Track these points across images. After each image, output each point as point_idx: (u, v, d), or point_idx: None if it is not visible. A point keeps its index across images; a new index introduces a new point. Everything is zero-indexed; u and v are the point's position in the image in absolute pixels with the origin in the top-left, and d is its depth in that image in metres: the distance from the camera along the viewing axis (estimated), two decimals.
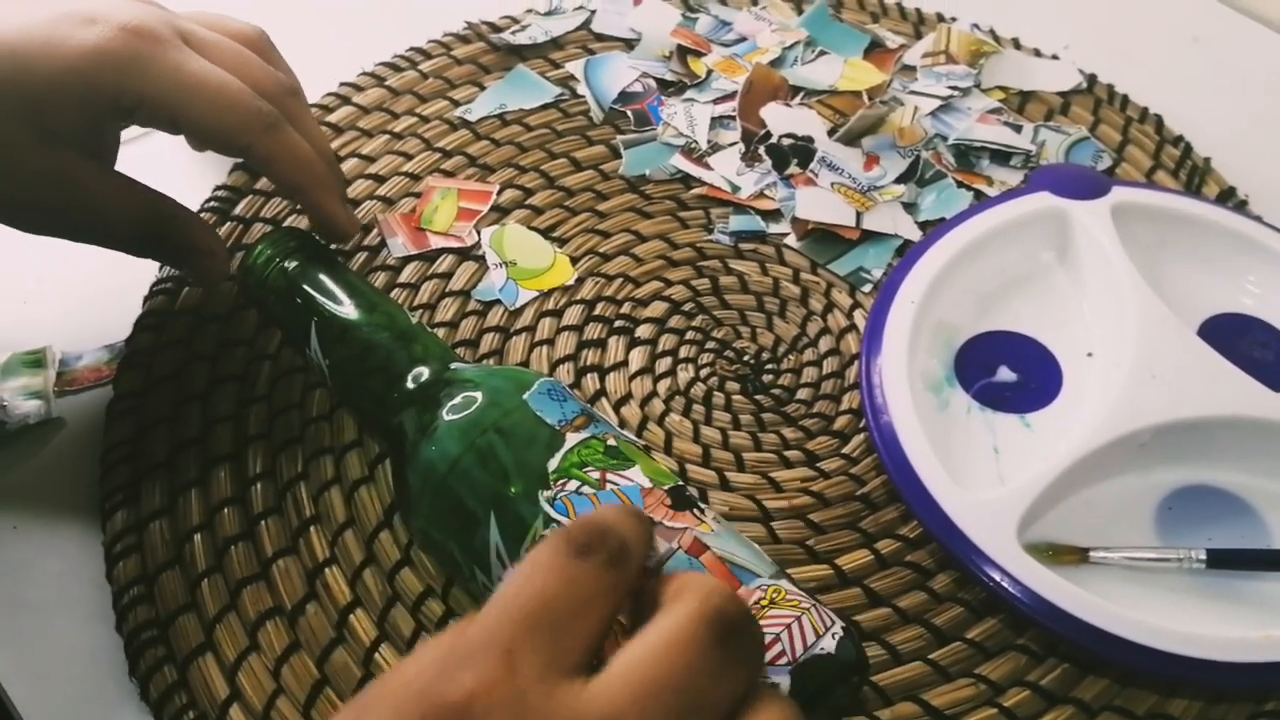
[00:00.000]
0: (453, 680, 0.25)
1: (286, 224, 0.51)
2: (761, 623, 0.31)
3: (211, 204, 0.52)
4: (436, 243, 0.50)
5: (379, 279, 0.49)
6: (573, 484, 0.34)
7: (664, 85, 0.59)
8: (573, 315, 0.48)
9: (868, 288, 0.50)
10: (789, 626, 0.31)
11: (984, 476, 0.42)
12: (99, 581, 0.40)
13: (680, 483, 0.35)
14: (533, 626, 0.26)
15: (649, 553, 0.30)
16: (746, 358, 0.48)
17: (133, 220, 0.42)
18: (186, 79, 0.39)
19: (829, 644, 0.31)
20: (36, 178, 0.39)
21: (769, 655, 0.30)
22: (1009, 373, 0.46)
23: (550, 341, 0.47)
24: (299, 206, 0.51)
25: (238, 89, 0.40)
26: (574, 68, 0.59)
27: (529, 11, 0.63)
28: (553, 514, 0.33)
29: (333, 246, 0.45)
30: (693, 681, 0.25)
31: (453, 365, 0.39)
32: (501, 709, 0.24)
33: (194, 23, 0.42)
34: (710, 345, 0.48)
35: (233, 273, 0.47)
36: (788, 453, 0.44)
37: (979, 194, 0.54)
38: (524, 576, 0.27)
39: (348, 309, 0.40)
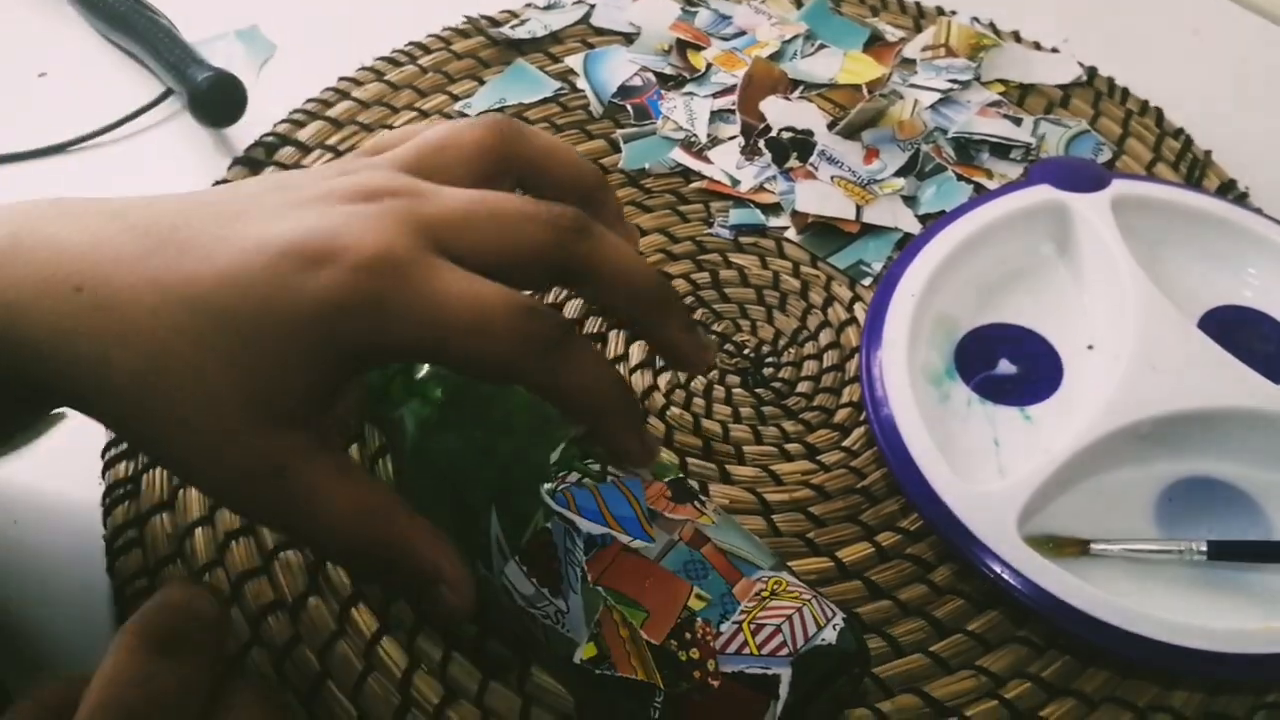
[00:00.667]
0: None
1: None
2: (763, 614, 0.31)
3: None
4: None
5: None
6: (574, 476, 0.34)
7: (663, 79, 0.59)
8: (572, 309, 0.48)
9: (868, 281, 0.50)
10: (790, 618, 0.31)
11: (984, 469, 0.42)
12: (100, 575, 0.40)
13: (681, 475, 0.35)
14: None
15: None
16: (747, 351, 0.48)
17: (355, 539, 0.30)
18: (440, 314, 0.29)
19: (830, 635, 0.31)
20: (245, 467, 0.29)
21: (770, 646, 0.30)
22: (1009, 365, 0.46)
23: None
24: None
25: (503, 309, 0.29)
26: (573, 62, 0.59)
27: (528, 6, 0.63)
28: (554, 506, 0.33)
29: None
30: None
31: None
32: None
33: (439, 175, 0.32)
34: (710, 339, 0.48)
35: None
36: (788, 445, 0.44)
37: (979, 187, 0.54)
38: (104, 683, 0.27)
39: None
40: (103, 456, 0.43)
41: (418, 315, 0.29)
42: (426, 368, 0.38)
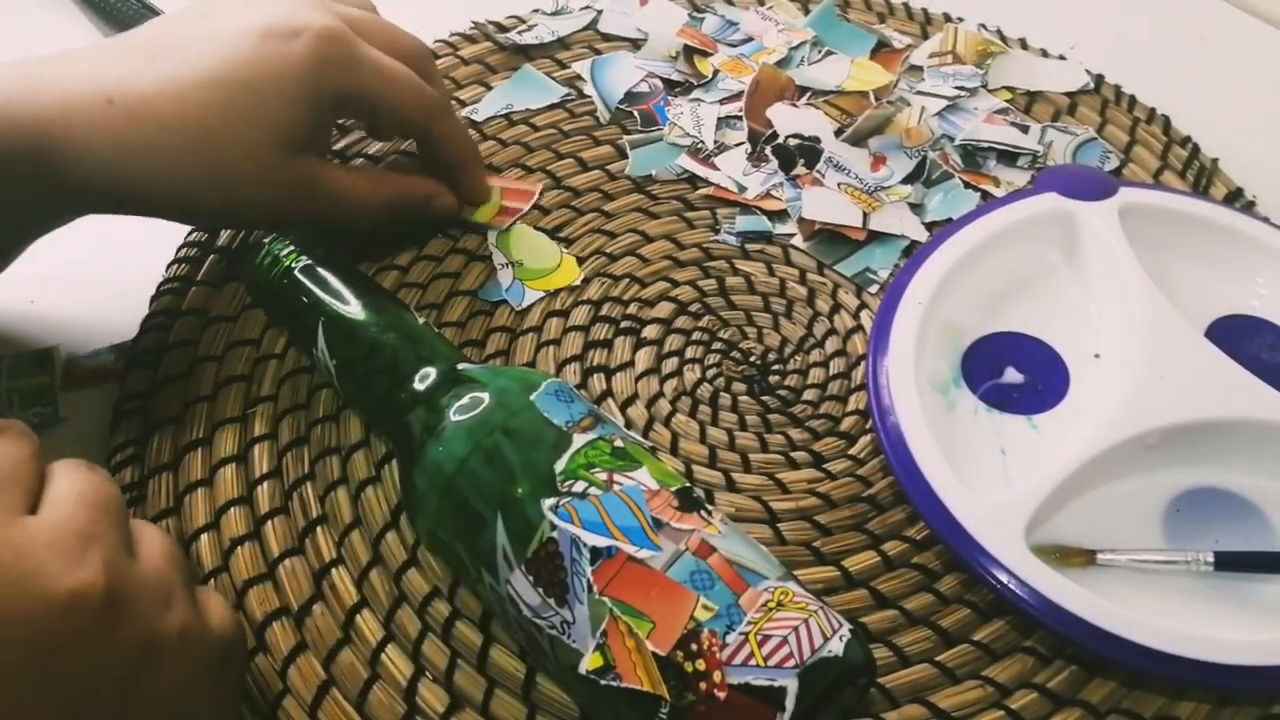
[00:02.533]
0: None
1: None
2: (770, 625, 0.31)
3: None
4: None
5: (386, 279, 0.49)
6: (580, 485, 0.34)
7: (670, 85, 0.59)
8: (579, 315, 0.48)
9: (874, 288, 0.50)
10: (796, 629, 0.31)
11: (991, 478, 0.42)
12: None
13: (688, 484, 0.35)
14: None
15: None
16: (753, 358, 0.48)
17: (381, 205, 0.47)
18: (384, 72, 0.44)
19: (836, 647, 0.31)
20: (290, 189, 0.43)
21: (777, 657, 0.30)
22: (1016, 374, 0.46)
23: (556, 342, 0.47)
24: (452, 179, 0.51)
25: (417, 79, 0.45)
26: (580, 68, 0.59)
27: (535, 11, 0.63)
28: (558, 522, 0.33)
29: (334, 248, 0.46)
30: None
31: (460, 365, 0.39)
32: None
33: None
34: (717, 346, 0.48)
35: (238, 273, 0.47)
36: (794, 454, 0.44)
37: (986, 194, 0.53)
38: None
39: (355, 309, 0.40)
40: (108, 462, 0.43)
41: (372, 72, 0.43)
42: (432, 376, 0.38)
